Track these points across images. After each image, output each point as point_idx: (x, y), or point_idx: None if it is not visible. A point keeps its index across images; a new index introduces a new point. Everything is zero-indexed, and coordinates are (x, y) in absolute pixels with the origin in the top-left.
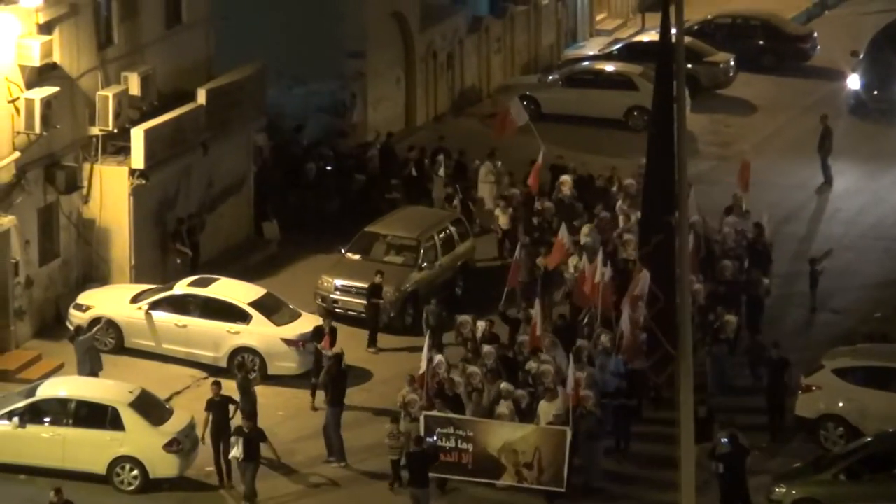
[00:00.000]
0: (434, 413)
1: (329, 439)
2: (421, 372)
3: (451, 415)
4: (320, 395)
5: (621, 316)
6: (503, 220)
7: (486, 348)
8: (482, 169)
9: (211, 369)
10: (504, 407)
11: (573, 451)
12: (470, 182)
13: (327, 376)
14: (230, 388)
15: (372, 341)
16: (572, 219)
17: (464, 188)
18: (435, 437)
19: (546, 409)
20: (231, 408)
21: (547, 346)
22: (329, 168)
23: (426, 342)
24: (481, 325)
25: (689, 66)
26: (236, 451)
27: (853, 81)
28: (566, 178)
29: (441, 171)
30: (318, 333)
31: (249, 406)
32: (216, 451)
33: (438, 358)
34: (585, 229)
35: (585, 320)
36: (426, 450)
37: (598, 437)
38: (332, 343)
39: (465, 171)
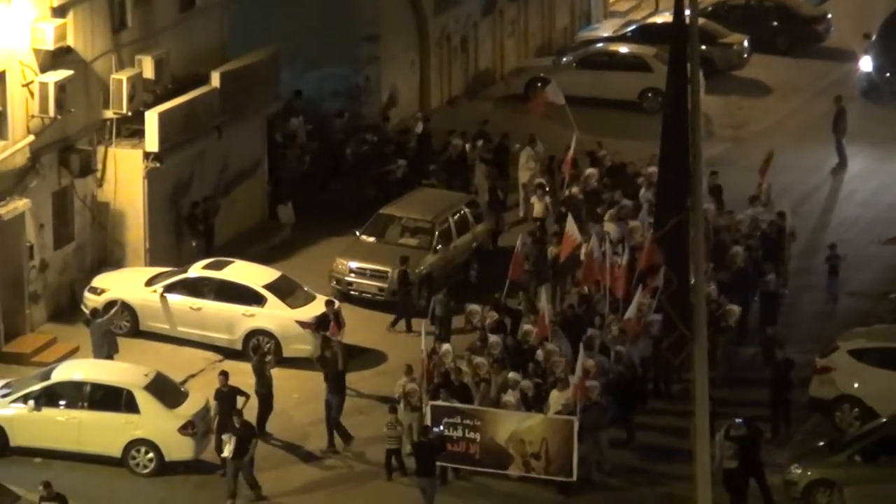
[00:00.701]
0: (440, 403)
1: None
2: (422, 360)
3: (457, 404)
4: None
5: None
6: (538, 209)
7: (493, 338)
8: (522, 154)
9: (226, 352)
10: (510, 396)
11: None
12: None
13: (326, 366)
14: (245, 370)
15: (408, 327)
16: (597, 207)
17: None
18: (442, 427)
19: (556, 399)
20: (240, 399)
21: (550, 336)
22: (366, 151)
23: (423, 332)
24: (492, 314)
25: (704, 47)
26: (228, 450)
27: (865, 64)
28: (592, 171)
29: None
30: (322, 321)
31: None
32: (218, 444)
33: (445, 347)
34: (607, 216)
35: (592, 305)
36: (433, 440)
37: (602, 428)
38: (339, 326)
39: (506, 156)
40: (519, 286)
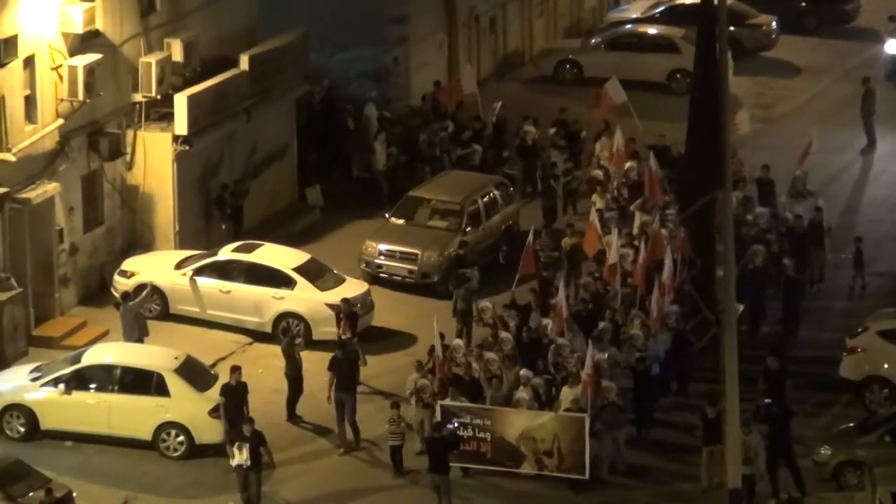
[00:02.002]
0: (450, 402)
1: (349, 425)
2: (436, 355)
3: (467, 403)
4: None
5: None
6: (600, 203)
7: (503, 334)
8: (597, 146)
9: (255, 335)
10: (523, 392)
11: (592, 440)
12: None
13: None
14: (275, 353)
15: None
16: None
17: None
18: (456, 424)
19: (567, 395)
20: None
21: (568, 326)
22: (443, 138)
23: (435, 327)
24: (511, 314)
25: (732, 28)
26: (240, 459)
27: (891, 46)
28: (631, 164)
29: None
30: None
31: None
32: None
33: (456, 342)
34: (633, 206)
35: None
36: (446, 436)
37: (619, 427)
38: (353, 329)
39: (578, 143)
40: (536, 277)
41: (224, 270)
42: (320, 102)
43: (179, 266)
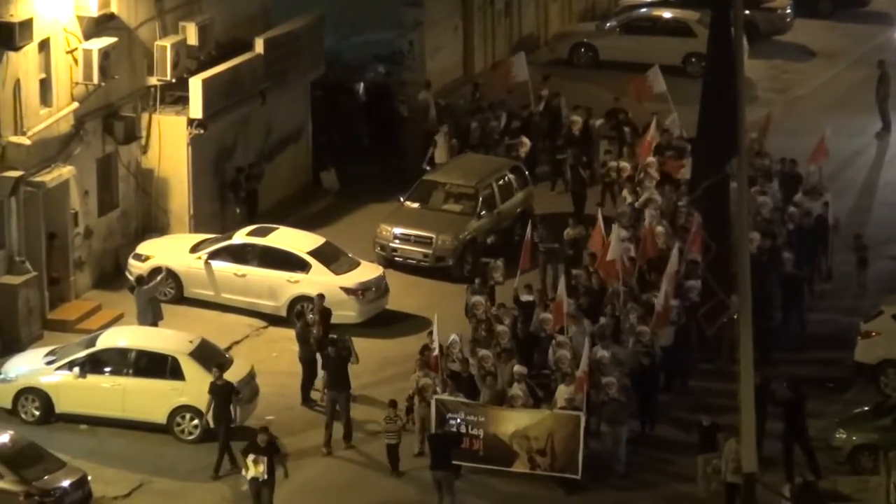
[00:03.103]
0: (446, 398)
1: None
2: (434, 354)
3: (462, 400)
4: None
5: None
6: (630, 198)
7: (500, 328)
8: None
9: (270, 318)
10: (517, 389)
11: (589, 437)
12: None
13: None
14: (290, 336)
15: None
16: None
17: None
18: (459, 420)
19: (562, 393)
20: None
21: (570, 323)
22: (494, 127)
23: (435, 325)
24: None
25: (748, 11)
26: (256, 472)
27: None
28: (651, 159)
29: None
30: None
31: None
32: (222, 436)
33: (453, 337)
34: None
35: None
36: (449, 432)
37: (622, 423)
38: (325, 326)
39: (627, 134)
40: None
41: (239, 254)
42: (370, 89)
43: (194, 249)
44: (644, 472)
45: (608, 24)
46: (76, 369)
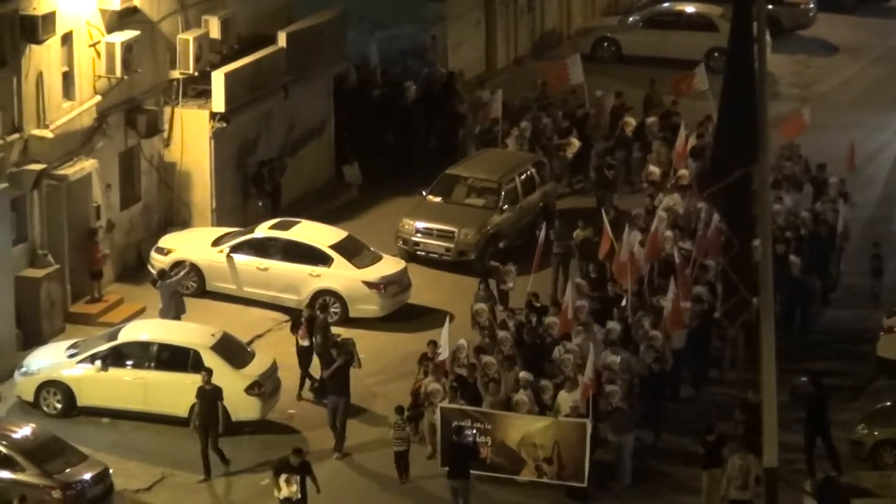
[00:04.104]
0: (451, 405)
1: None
2: (441, 359)
3: (468, 407)
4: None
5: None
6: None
7: (502, 334)
8: (654, 143)
9: (292, 312)
10: (523, 395)
11: (596, 446)
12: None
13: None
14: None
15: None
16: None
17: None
18: (474, 431)
19: (565, 399)
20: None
21: (579, 329)
22: (545, 126)
23: (446, 329)
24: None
25: (770, 6)
26: (289, 492)
27: None
28: (682, 172)
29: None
30: (295, 323)
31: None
32: (204, 443)
33: (461, 342)
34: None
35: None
36: (466, 441)
37: (627, 431)
38: (310, 332)
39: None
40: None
41: (261, 247)
42: (429, 87)
43: (216, 243)
44: (649, 481)
45: (631, 19)
46: (98, 362)
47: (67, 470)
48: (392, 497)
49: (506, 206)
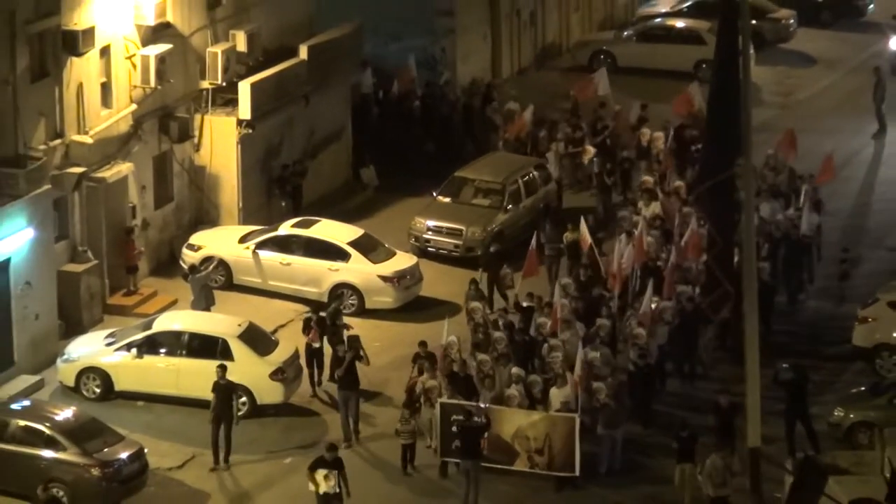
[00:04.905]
0: (449, 400)
1: (352, 420)
2: (441, 354)
3: (465, 402)
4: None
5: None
6: (646, 211)
7: (497, 334)
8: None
9: (312, 304)
10: (514, 389)
11: (584, 437)
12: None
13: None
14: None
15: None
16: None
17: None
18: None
19: (556, 396)
20: (235, 398)
21: (562, 327)
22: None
23: (446, 325)
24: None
25: (754, 21)
26: (327, 487)
27: (894, 43)
28: (680, 183)
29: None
30: (305, 325)
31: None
32: (215, 434)
33: (451, 339)
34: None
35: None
36: (477, 423)
37: (616, 426)
38: (321, 335)
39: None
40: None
41: (284, 244)
42: (468, 98)
43: (243, 240)
44: (634, 473)
45: (625, 33)
46: (134, 350)
47: (105, 449)
48: (391, 486)
49: (509, 205)
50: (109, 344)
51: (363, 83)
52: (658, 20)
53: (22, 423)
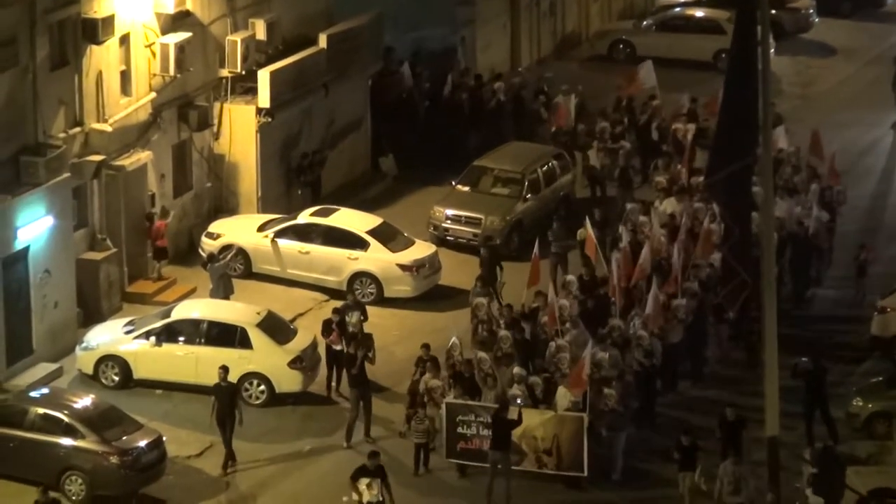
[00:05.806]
0: (454, 400)
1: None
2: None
3: (471, 402)
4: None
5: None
6: (662, 208)
7: (502, 332)
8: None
9: (331, 292)
10: (517, 389)
11: (591, 440)
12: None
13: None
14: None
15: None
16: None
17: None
18: (471, 422)
19: (564, 395)
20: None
21: (569, 327)
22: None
23: (454, 336)
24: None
25: (773, 11)
26: (370, 496)
27: None
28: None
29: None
30: (326, 327)
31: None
32: (223, 434)
33: (453, 340)
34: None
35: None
36: (509, 416)
37: (621, 429)
38: (341, 337)
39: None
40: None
41: (303, 233)
42: (518, 90)
43: (262, 229)
44: (639, 476)
45: (644, 23)
46: (153, 338)
47: (124, 437)
48: (399, 488)
49: (529, 195)
50: (128, 332)
51: (404, 77)
52: (677, 10)
53: (41, 411)
